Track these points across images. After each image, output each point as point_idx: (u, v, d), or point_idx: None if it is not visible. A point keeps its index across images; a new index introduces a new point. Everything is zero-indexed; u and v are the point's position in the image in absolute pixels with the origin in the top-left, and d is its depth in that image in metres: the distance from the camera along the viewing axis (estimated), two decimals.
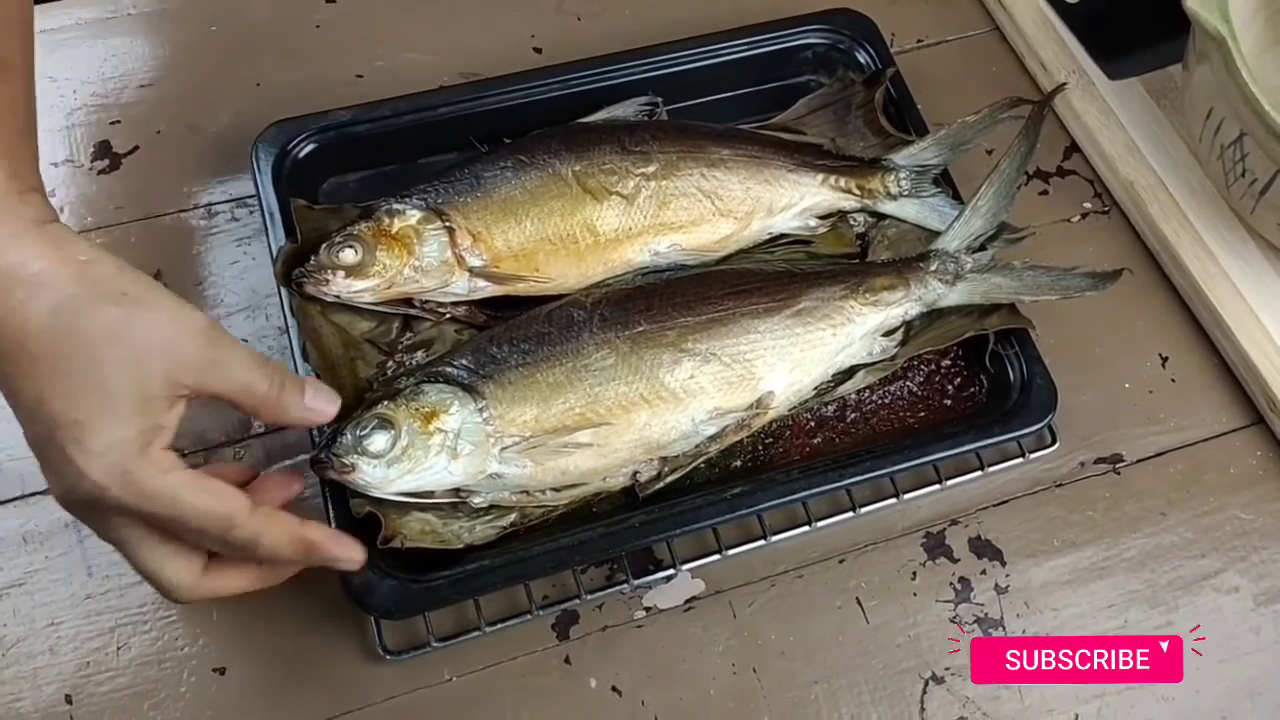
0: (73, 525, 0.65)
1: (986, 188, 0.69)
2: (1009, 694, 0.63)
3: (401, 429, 0.60)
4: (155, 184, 0.77)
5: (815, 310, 0.68)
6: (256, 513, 0.52)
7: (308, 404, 0.55)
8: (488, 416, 0.62)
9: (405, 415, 0.61)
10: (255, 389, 0.52)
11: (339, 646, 0.62)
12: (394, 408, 0.61)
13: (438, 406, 0.62)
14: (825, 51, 0.81)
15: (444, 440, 0.61)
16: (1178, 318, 0.76)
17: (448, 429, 0.61)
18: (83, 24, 0.84)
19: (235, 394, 0.52)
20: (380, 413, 0.61)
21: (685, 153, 0.73)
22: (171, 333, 0.49)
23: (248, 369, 0.52)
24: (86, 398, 0.48)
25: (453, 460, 0.61)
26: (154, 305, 0.50)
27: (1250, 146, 0.68)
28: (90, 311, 0.48)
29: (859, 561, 0.67)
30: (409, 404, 0.62)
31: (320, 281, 0.67)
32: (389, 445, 0.60)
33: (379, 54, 0.84)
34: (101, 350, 0.48)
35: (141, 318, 0.49)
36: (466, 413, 0.62)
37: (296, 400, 0.54)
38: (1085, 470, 0.70)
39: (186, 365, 0.50)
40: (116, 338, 0.48)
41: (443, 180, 0.71)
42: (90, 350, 0.48)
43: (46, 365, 0.47)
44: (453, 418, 0.61)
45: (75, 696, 0.61)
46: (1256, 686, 0.64)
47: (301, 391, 0.55)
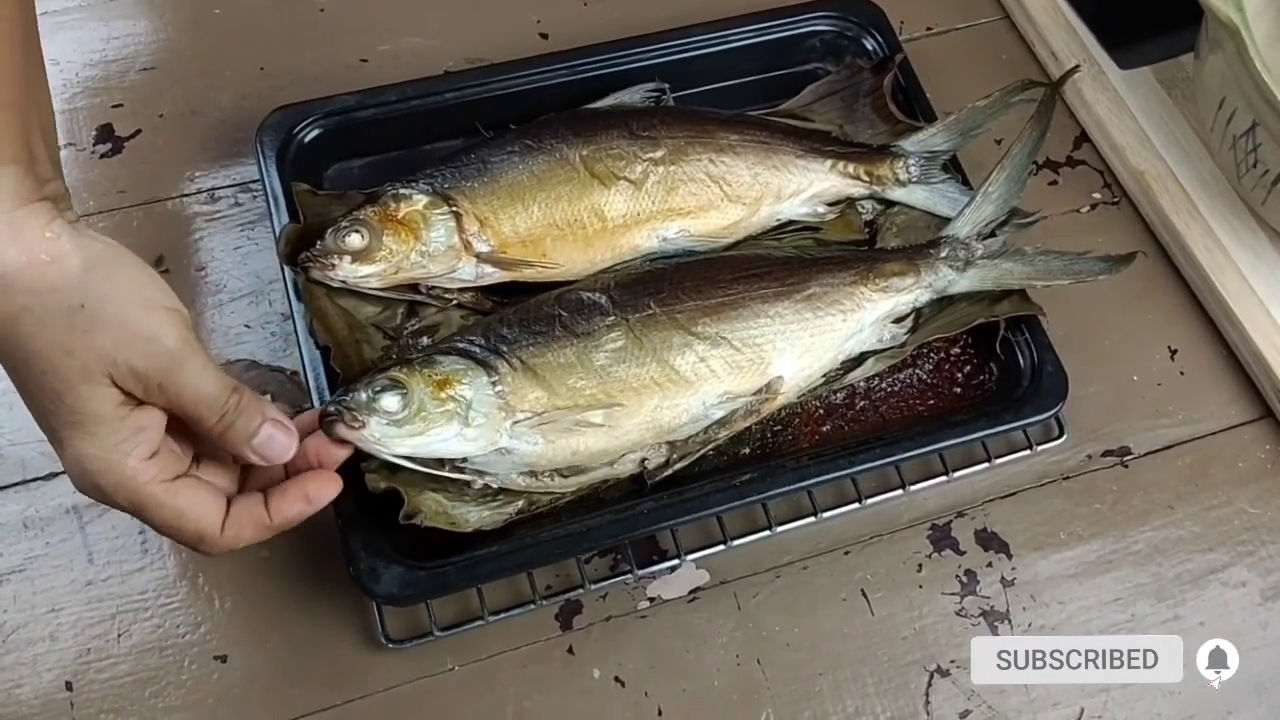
0: (74, 511, 0.65)
1: (998, 173, 0.68)
2: (1014, 687, 0.63)
3: (415, 392, 0.60)
4: (158, 168, 0.77)
5: (825, 296, 0.67)
6: (228, 525, 0.52)
7: (256, 443, 0.53)
8: (500, 390, 0.61)
9: (419, 380, 0.60)
10: (203, 415, 0.51)
11: (341, 635, 0.62)
12: (408, 372, 0.61)
13: (451, 375, 0.61)
14: (833, 38, 0.80)
15: (456, 408, 0.60)
16: (1187, 310, 0.75)
17: (460, 397, 0.60)
18: (85, 6, 0.84)
19: (184, 413, 0.51)
20: (394, 375, 0.60)
21: (693, 138, 0.72)
22: (126, 349, 0.48)
23: (202, 391, 0.50)
24: (50, 409, 0.48)
25: (465, 428, 0.60)
26: (110, 319, 0.48)
27: (1263, 137, 0.67)
28: (41, 325, 0.47)
29: (865, 553, 0.66)
30: (423, 370, 0.61)
31: (326, 266, 0.66)
32: (401, 405, 0.59)
33: (383, 38, 0.83)
34: (55, 363, 0.47)
35: (96, 332, 0.47)
36: (480, 384, 0.61)
37: (245, 431, 0.52)
38: (1092, 463, 0.70)
39: (137, 381, 0.49)
40: (68, 353, 0.47)
41: (449, 165, 0.70)
42: (42, 364, 0.47)
43: (10, 372, 0.48)
44: (466, 388, 0.61)
45: (76, 683, 0.61)
46: (1263, 681, 0.64)
47: (257, 426, 0.53)
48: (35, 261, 0.47)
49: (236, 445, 0.53)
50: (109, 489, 0.50)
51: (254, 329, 0.71)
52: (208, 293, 0.72)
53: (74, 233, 0.49)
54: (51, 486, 0.65)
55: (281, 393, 0.69)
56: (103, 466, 0.49)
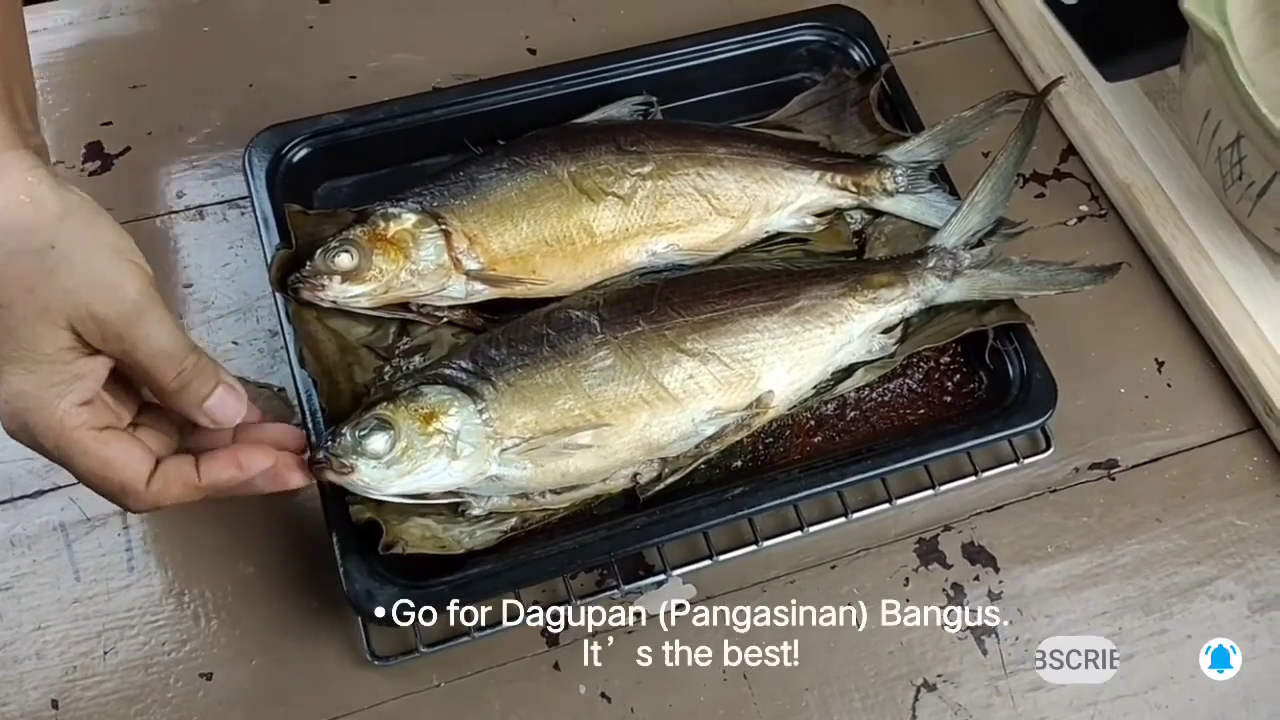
0: (60, 529, 0.65)
1: (984, 183, 0.69)
2: (1001, 701, 0.63)
3: (401, 429, 0.60)
4: (146, 185, 0.77)
5: (813, 309, 0.67)
6: (154, 480, 0.52)
7: (208, 405, 0.54)
8: (488, 418, 0.62)
9: (405, 416, 0.61)
10: (160, 370, 0.52)
11: (326, 652, 0.62)
12: (393, 408, 0.61)
13: (437, 408, 0.61)
14: (820, 49, 0.80)
15: (444, 441, 0.61)
16: (1174, 322, 0.75)
17: (447, 430, 0.61)
18: (74, 24, 0.84)
19: (138, 367, 0.51)
20: (380, 413, 0.61)
21: (681, 152, 0.72)
22: (89, 293, 0.49)
23: (160, 345, 0.51)
24: None
25: (453, 461, 0.61)
26: (78, 263, 0.49)
27: (1247, 149, 0.67)
28: (9, 260, 0.48)
29: (851, 567, 0.66)
30: (408, 405, 0.61)
31: (316, 287, 0.66)
32: (388, 446, 0.60)
33: (372, 55, 0.83)
34: (12, 297, 0.48)
35: (62, 273, 0.49)
36: (466, 414, 0.62)
37: (199, 394, 0.53)
38: (1080, 476, 0.70)
39: (96, 327, 0.49)
40: (29, 289, 0.48)
41: (438, 183, 0.70)
42: (1, 296, 0.48)
43: None
44: (452, 419, 0.61)
45: (62, 701, 0.61)
46: (1251, 694, 0.64)
47: (211, 389, 0.54)
48: (14, 201, 0.48)
49: (189, 406, 0.53)
50: (37, 430, 0.50)
51: (241, 345, 0.71)
52: (195, 309, 0.72)
53: (55, 182, 0.50)
54: (38, 504, 0.65)
55: (269, 408, 0.69)
56: (34, 404, 0.49)
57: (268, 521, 0.66)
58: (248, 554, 0.65)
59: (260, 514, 0.65)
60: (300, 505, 0.66)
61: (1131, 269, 0.75)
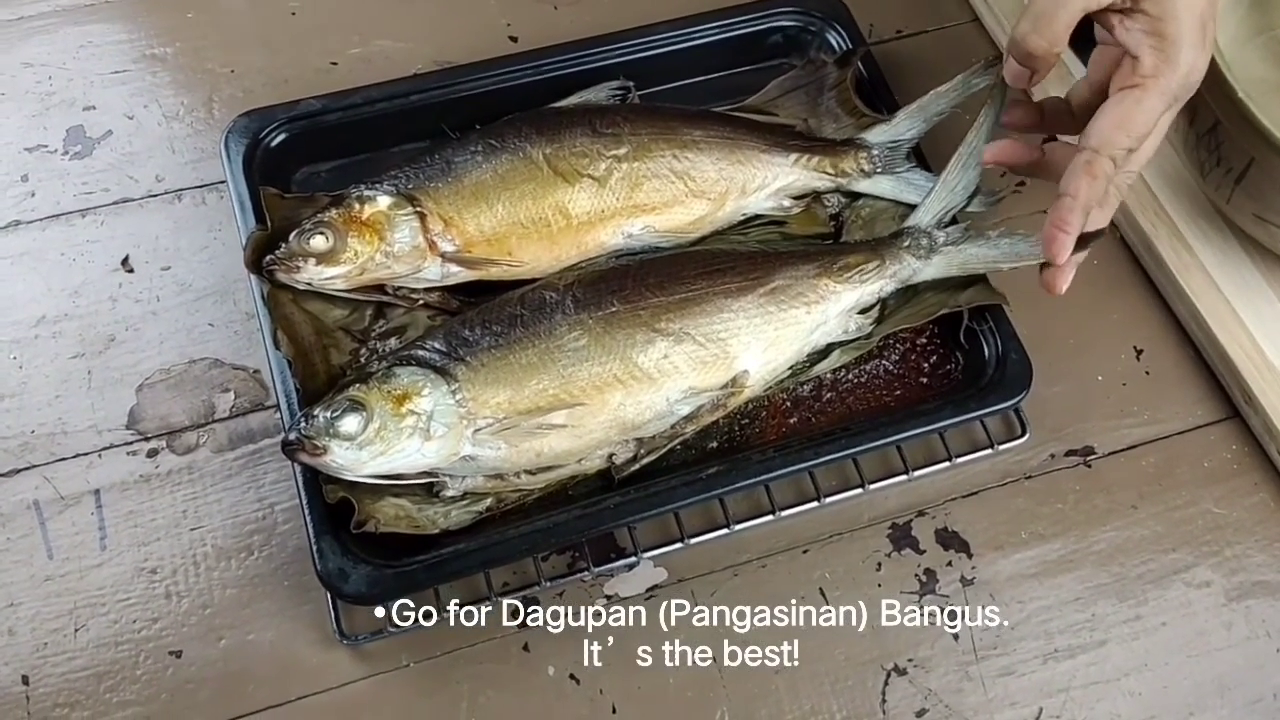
0: (34, 507, 0.65)
1: (955, 160, 0.69)
2: (972, 686, 0.62)
3: (374, 411, 0.60)
4: (127, 169, 0.77)
5: (789, 288, 0.67)
6: None
7: None
8: (461, 398, 0.62)
9: (377, 397, 0.61)
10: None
11: (295, 631, 0.62)
12: (366, 390, 0.61)
13: (410, 389, 0.61)
14: (796, 34, 0.80)
15: (417, 422, 0.61)
16: (1153, 310, 0.75)
17: (420, 411, 0.61)
18: (59, 10, 0.84)
19: None
20: (352, 395, 0.61)
21: (657, 134, 0.72)
22: None
23: None
24: None
25: (426, 442, 0.61)
26: None
27: (1225, 135, 0.67)
28: None
29: (823, 551, 0.66)
30: (381, 386, 0.61)
31: (291, 269, 0.67)
32: (361, 427, 0.60)
33: (354, 41, 0.84)
34: None
35: None
36: (439, 394, 0.62)
37: None
38: (1055, 462, 0.69)
39: None
40: None
41: (413, 166, 0.70)
42: None
43: None
44: (425, 400, 0.61)
45: (32, 677, 0.61)
46: (1226, 682, 0.64)
47: None
48: None
49: None
50: None
51: (218, 328, 0.71)
52: (173, 292, 0.73)
53: None
54: (13, 483, 0.66)
55: (244, 391, 0.69)
56: None
57: (240, 501, 0.66)
58: (219, 533, 0.65)
59: (232, 493, 0.66)
60: (274, 484, 0.66)
61: (1108, 240, 0.75)
